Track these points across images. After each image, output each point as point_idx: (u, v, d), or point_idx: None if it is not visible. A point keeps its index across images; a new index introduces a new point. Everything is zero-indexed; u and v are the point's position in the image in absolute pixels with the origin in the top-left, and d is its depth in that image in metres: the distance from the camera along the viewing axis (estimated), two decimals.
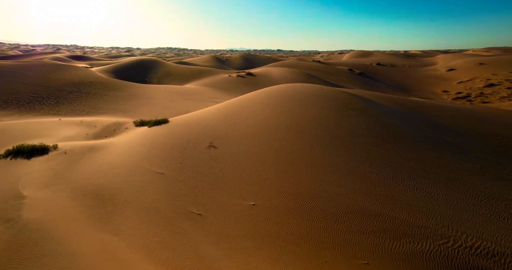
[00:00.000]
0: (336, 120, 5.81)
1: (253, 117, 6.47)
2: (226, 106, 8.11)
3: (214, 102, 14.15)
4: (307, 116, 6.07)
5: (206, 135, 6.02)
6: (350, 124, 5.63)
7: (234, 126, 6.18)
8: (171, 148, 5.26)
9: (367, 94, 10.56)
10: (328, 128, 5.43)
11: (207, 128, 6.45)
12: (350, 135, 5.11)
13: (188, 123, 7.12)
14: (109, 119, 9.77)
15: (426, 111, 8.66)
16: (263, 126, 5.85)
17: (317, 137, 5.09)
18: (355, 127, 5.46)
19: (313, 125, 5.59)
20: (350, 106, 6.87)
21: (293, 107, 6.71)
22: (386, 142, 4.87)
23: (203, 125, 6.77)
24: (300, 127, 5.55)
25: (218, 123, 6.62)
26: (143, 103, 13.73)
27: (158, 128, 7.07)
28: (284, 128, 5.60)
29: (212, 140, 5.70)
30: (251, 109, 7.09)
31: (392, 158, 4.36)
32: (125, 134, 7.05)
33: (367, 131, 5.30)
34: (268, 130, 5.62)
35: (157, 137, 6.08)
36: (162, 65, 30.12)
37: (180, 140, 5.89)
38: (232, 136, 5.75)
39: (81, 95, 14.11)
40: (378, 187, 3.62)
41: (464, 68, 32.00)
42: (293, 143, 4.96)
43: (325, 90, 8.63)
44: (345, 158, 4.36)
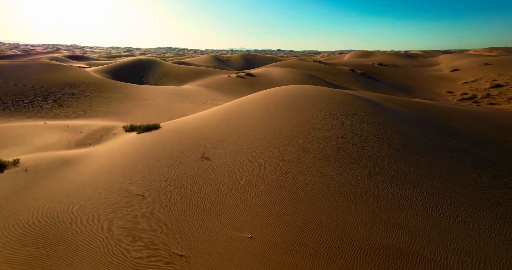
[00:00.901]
0: (344, 129, 5.16)
1: (251, 124, 5.83)
2: (223, 111, 7.47)
3: (212, 104, 13.51)
4: (311, 123, 5.43)
5: (199, 144, 5.38)
6: (360, 133, 4.99)
7: (230, 134, 5.54)
8: (158, 161, 4.62)
9: (373, 97, 9.92)
10: (335, 138, 4.79)
11: (200, 136, 5.82)
12: (361, 147, 4.47)
13: (181, 130, 6.48)
14: (98, 123, 9.14)
15: (439, 115, 8.01)
16: (262, 134, 5.21)
17: (323, 149, 4.45)
18: (366, 137, 4.81)
19: (318, 134, 4.95)
20: (358, 111, 6.23)
21: (295, 113, 6.07)
22: (404, 155, 4.23)
23: (197, 132, 6.14)
24: (304, 137, 4.91)
25: (213, 130, 5.99)
26: (137, 106, 13.10)
27: (147, 136, 6.43)
28: (285, 138, 4.96)
29: (205, 150, 5.06)
30: (249, 115, 6.45)
31: (414, 176, 3.72)
32: (111, 141, 6.42)
33: (380, 141, 4.66)
34: (268, 139, 4.97)
35: (144, 147, 5.44)
36: (160, 65, 29.49)
37: (170, 149, 5.25)
38: (227, 145, 5.11)
39: (73, 97, 13.48)
40: (402, 214, 2.98)
41: (469, 68, 31.34)
42: (297, 155, 4.32)
43: (329, 93, 7.99)
44: (358, 174, 3.72)
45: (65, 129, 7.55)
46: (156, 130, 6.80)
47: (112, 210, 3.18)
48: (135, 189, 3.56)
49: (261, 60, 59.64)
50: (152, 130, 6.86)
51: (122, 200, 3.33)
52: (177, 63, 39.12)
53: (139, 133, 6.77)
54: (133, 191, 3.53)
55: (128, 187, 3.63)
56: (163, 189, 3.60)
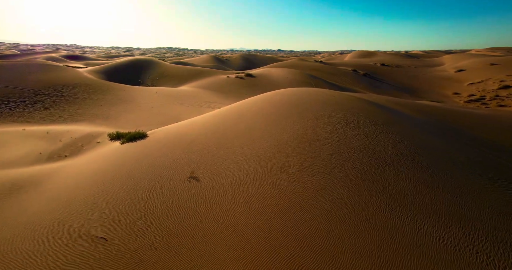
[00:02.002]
0: (358, 142, 4.38)
1: (250, 135, 5.05)
2: (218, 117, 6.69)
3: (208, 107, 12.73)
4: (318, 135, 4.65)
5: (188, 158, 4.60)
6: (378, 147, 4.20)
7: (224, 147, 4.76)
8: (138, 182, 3.84)
9: (382, 100, 9.13)
10: (349, 154, 4.01)
11: (191, 148, 5.04)
12: (381, 166, 3.69)
13: (170, 140, 5.70)
14: (84, 129, 8.37)
15: (459, 121, 7.22)
16: (263, 149, 4.43)
17: (336, 168, 3.67)
18: (386, 153, 4.03)
19: (328, 149, 4.17)
20: (372, 119, 5.44)
21: (300, 122, 5.29)
22: (437, 178, 3.45)
23: (187, 142, 5.36)
24: (312, 153, 4.13)
25: (206, 141, 5.21)
26: (130, 109, 12.32)
27: (131, 147, 5.66)
28: (290, 153, 4.18)
29: (195, 166, 4.28)
30: (247, 123, 5.67)
31: (450, 206, 2.94)
32: (90, 153, 5.65)
33: (404, 159, 3.87)
34: (269, 155, 4.20)
35: (124, 162, 4.67)
36: (158, 66, 28.72)
37: (154, 165, 4.47)
38: (221, 161, 4.33)
39: (61, 99, 12.71)
40: (445, 260, 2.21)
41: (474, 69, 30.53)
42: (305, 178, 3.54)
43: (336, 97, 7.21)
44: (383, 206, 2.94)
45: (43, 137, 6.77)
46: (142, 140, 6.02)
47: (54, 265, 2.34)
48: (97, 229, 2.76)
49: (261, 60, 58.89)
50: (138, 139, 6.08)
51: (74, 248, 2.53)
52: (176, 63, 38.35)
53: (123, 143, 5.99)
54: (93, 232, 2.72)
55: (90, 224, 2.82)
56: (136, 225, 2.82)
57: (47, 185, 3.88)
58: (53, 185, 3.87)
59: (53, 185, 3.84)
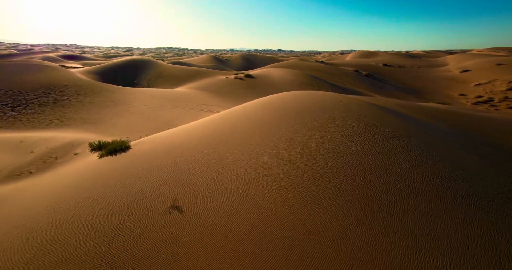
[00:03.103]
0: (376, 161, 3.58)
1: (246, 148, 4.27)
2: (212, 125, 5.91)
3: (204, 110, 11.94)
4: (328, 151, 3.86)
5: (173, 179, 3.82)
6: (401, 169, 3.41)
7: (215, 166, 3.97)
8: (105, 218, 3.06)
9: (392, 104, 8.34)
10: (367, 178, 3.22)
11: (178, 165, 4.26)
12: (411, 198, 2.90)
13: (155, 154, 4.92)
14: (65, 137, 7.58)
15: (485, 130, 6.43)
16: (259, 169, 3.64)
17: (352, 198, 2.89)
18: (414, 178, 3.24)
19: (341, 172, 3.38)
20: (389, 130, 4.64)
21: (305, 133, 4.50)
22: (474, 210, 2.66)
23: (174, 157, 4.57)
24: (322, 174, 3.35)
25: (196, 157, 4.42)
26: (120, 112, 11.53)
27: (109, 162, 4.87)
28: (295, 176, 3.39)
29: (179, 191, 3.49)
30: (244, 133, 4.89)
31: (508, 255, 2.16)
32: (61, 169, 4.86)
33: (440, 189, 3.08)
34: (267, 177, 3.41)
35: (95, 184, 3.89)
36: (155, 66, 27.94)
37: (132, 188, 3.69)
38: (210, 184, 3.55)
39: (48, 102, 11.92)
40: None
41: (480, 69, 29.72)
42: (317, 212, 2.75)
43: (345, 102, 6.43)
44: (412, 249, 2.16)
45: (13, 148, 5.99)
46: (123, 153, 5.24)
47: None
48: None
49: (261, 60, 58.14)
50: (120, 152, 5.30)
51: None
52: (174, 63, 37.56)
53: (101, 157, 5.21)
54: None
55: None
56: None
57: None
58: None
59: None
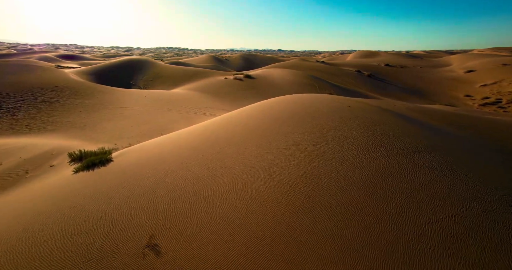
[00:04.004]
0: (399, 185, 2.92)
1: (239, 167, 3.61)
2: (205, 134, 5.26)
3: (201, 114, 11.29)
4: (338, 171, 3.20)
5: (154, 206, 3.17)
6: (432, 197, 2.75)
7: (204, 189, 3.32)
8: (63, 262, 2.41)
9: (402, 108, 7.68)
10: (390, 211, 2.57)
11: (163, 185, 3.61)
12: (459, 240, 2.24)
13: (138, 169, 4.26)
14: (46, 144, 6.94)
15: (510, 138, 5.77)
16: (254, 193, 2.98)
17: (375, 252, 2.23)
18: (455, 211, 2.58)
19: (352, 197, 2.72)
20: (410, 142, 3.98)
21: (309, 145, 3.84)
22: None
23: (160, 175, 3.92)
24: (335, 202, 2.69)
25: (183, 176, 3.77)
26: (112, 116, 10.89)
27: (84, 179, 4.22)
28: (302, 204, 2.74)
29: (158, 225, 2.84)
30: (240, 146, 4.23)
31: None
32: (27, 187, 4.21)
33: (479, 221, 2.43)
34: (264, 205, 2.76)
35: (62, 210, 3.24)
36: (152, 66, 27.29)
37: (101, 218, 3.04)
38: (195, 212, 2.90)
39: (35, 104, 11.28)
40: None
41: (485, 69, 29.04)
42: (329, 258, 2.10)
43: (354, 108, 5.77)
44: None
45: None
46: (102, 167, 4.58)
47: None
48: None
49: (261, 60, 57.52)
50: (98, 166, 4.64)
51: None
52: (173, 63, 36.91)
53: (76, 172, 4.56)
54: None
55: None
56: None
57: None
58: None
59: None
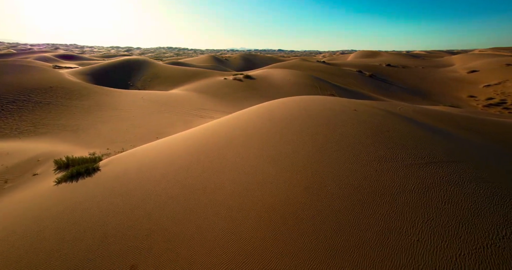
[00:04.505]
0: (416, 204, 2.53)
1: (242, 177, 3.22)
2: (200, 140, 4.87)
3: (198, 116, 10.90)
4: (347, 186, 2.81)
5: (137, 228, 2.78)
6: (459, 217, 2.36)
7: (198, 207, 2.93)
8: None
9: (409, 111, 7.28)
10: (414, 237, 2.17)
11: (147, 204, 3.23)
12: None
13: (127, 181, 3.87)
14: (33, 149, 6.55)
15: None
16: (256, 218, 2.59)
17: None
18: (482, 238, 2.18)
19: (363, 220, 2.33)
20: (425, 150, 3.59)
21: (314, 155, 3.45)
22: None
23: (145, 190, 3.54)
24: (339, 225, 2.30)
25: (172, 192, 3.38)
26: (106, 118, 10.50)
27: (64, 192, 3.84)
28: (299, 227, 2.35)
29: (140, 251, 2.45)
30: (239, 153, 3.84)
31: None
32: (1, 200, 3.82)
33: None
34: (267, 242, 2.37)
35: (31, 232, 2.86)
36: (151, 66, 26.90)
37: (75, 243, 2.65)
38: (182, 237, 2.51)
39: (27, 106, 10.90)
40: None
41: (489, 69, 28.62)
42: None
43: (361, 112, 5.38)
44: None
45: None
46: (88, 178, 4.20)
47: None
48: None
49: (261, 60, 57.15)
50: (84, 176, 4.26)
51: None
52: (172, 63, 36.54)
53: (58, 183, 4.17)
54: None
55: None
56: None
57: None
58: None
59: None
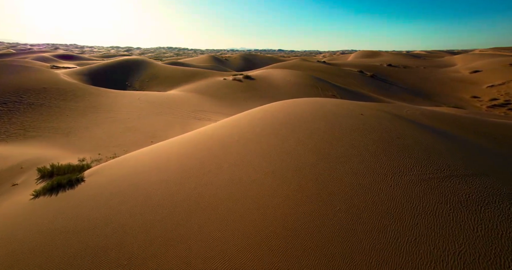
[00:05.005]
0: (447, 225, 2.15)
1: (237, 196, 2.85)
2: (196, 149, 4.49)
3: (196, 118, 10.52)
4: (365, 208, 2.43)
5: (118, 251, 2.41)
6: (499, 251, 1.98)
7: (188, 233, 2.55)
8: None
9: (416, 114, 6.92)
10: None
11: (127, 227, 2.85)
12: None
13: (111, 196, 3.50)
14: (19, 155, 6.18)
15: None
16: (256, 244, 2.21)
17: None
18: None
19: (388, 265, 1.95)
20: (442, 161, 3.21)
21: (320, 166, 3.07)
22: None
23: (138, 204, 3.17)
24: (349, 254, 1.92)
25: (161, 204, 3.01)
26: (101, 121, 10.12)
27: (40, 207, 3.46)
28: (296, 253, 1.97)
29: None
30: (233, 169, 3.46)
31: None
32: None
33: None
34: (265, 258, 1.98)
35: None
36: (149, 66, 26.52)
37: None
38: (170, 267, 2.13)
39: (19, 108, 10.52)
40: None
41: (491, 70, 28.24)
42: None
43: (368, 116, 5.01)
44: None
45: None
46: (70, 190, 3.82)
47: None
48: None
49: (261, 60, 56.78)
50: (65, 188, 3.88)
51: None
52: (172, 63, 36.16)
53: (36, 196, 3.79)
54: None
55: None
56: None
57: None
58: None
59: None
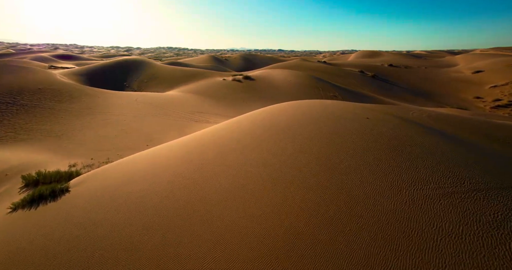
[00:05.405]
0: (477, 252, 1.85)
1: (232, 214, 2.54)
2: (193, 154, 4.19)
3: (194, 120, 10.23)
4: (380, 231, 2.12)
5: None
6: None
7: (179, 253, 2.25)
8: None
9: (422, 116, 6.58)
10: None
11: (122, 241, 2.55)
12: None
13: (97, 208, 3.20)
14: (6, 160, 5.88)
15: None
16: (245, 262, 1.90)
17: None
18: None
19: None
20: (463, 173, 2.90)
21: (324, 178, 2.77)
22: None
23: (120, 219, 2.86)
24: None
25: (150, 221, 2.71)
26: (95, 123, 9.82)
27: (22, 221, 3.16)
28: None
29: None
30: (229, 178, 3.16)
31: None
32: None
33: None
34: None
35: None
36: (148, 67, 26.22)
37: None
38: None
39: (11, 109, 10.23)
40: None
41: (494, 70, 27.92)
42: None
43: (374, 121, 4.70)
44: None
45: None
46: (52, 203, 3.51)
47: None
48: None
49: (261, 60, 56.48)
50: (48, 201, 3.57)
51: None
52: (171, 63, 35.86)
53: (14, 210, 3.49)
54: None
55: None
56: None
57: None
58: None
59: None
